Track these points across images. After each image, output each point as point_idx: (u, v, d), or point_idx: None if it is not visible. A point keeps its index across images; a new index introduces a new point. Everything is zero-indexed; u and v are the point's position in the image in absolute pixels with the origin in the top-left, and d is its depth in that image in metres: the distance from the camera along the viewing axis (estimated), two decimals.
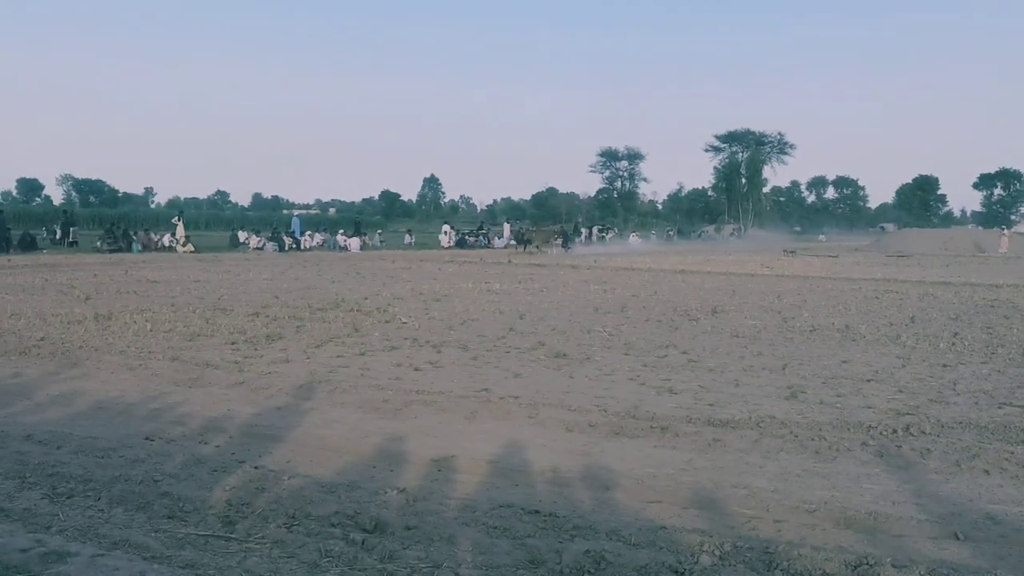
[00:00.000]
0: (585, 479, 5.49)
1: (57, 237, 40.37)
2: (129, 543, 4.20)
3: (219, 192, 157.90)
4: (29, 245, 35.86)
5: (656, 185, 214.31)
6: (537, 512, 4.84)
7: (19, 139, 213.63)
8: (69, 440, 6.08)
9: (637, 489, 5.29)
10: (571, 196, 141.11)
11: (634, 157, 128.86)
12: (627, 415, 7.04)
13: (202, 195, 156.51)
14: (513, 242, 48.30)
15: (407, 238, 53.58)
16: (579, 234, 65.62)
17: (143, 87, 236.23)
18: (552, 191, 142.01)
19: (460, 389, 8.04)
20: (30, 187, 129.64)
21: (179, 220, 41.11)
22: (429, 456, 5.93)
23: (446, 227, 55.29)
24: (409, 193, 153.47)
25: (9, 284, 18.92)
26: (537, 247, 44.06)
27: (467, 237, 53.62)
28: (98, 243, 37.11)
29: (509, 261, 33.67)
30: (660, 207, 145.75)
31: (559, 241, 45.91)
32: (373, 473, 5.56)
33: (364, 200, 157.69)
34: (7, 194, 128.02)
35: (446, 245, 51.22)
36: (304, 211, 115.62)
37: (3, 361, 9.43)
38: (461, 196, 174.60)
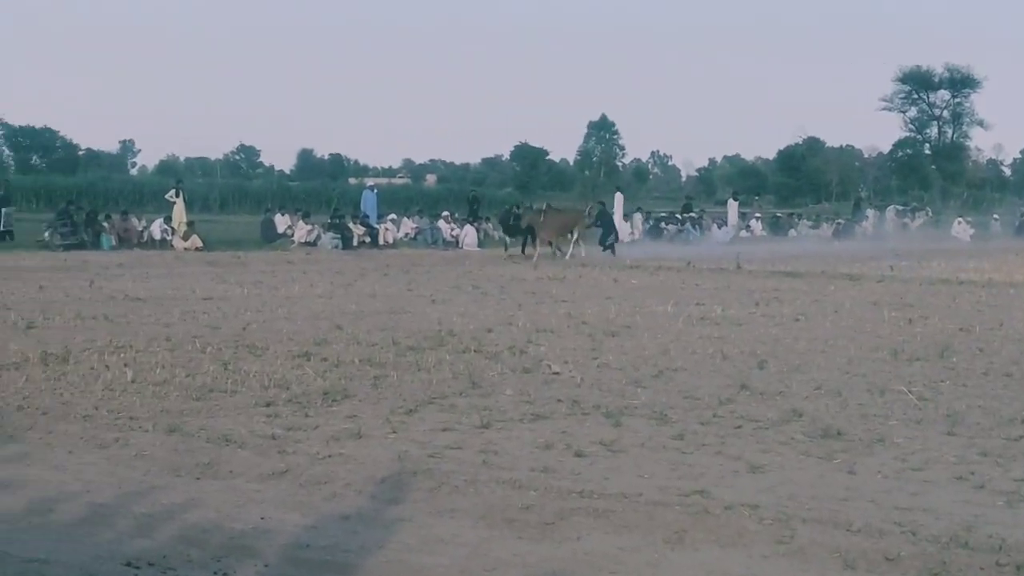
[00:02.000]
0: None
1: None
2: None
3: (242, 149, 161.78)
4: None
5: (1001, 133, 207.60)
6: None
7: None
8: (2, 565, 6.34)
9: None
10: (847, 152, 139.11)
11: (962, 84, 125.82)
12: (954, 542, 6.85)
13: (216, 154, 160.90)
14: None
15: None
16: (861, 215, 64.51)
17: None
18: (815, 144, 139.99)
19: (655, 491, 7.99)
20: None
21: (177, 196, 42.26)
22: None
23: (619, 197, 54.29)
24: (562, 149, 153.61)
25: None
26: (550, 245, 38.59)
27: (664, 224, 53.31)
28: (46, 233, 38.47)
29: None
30: (1008, 172, 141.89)
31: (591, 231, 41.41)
32: None
33: (485, 161, 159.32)
34: None
35: (627, 238, 50.87)
36: (384, 180, 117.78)
37: None
38: (652, 153, 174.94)
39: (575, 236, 38.57)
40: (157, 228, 41.05)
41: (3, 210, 40.95)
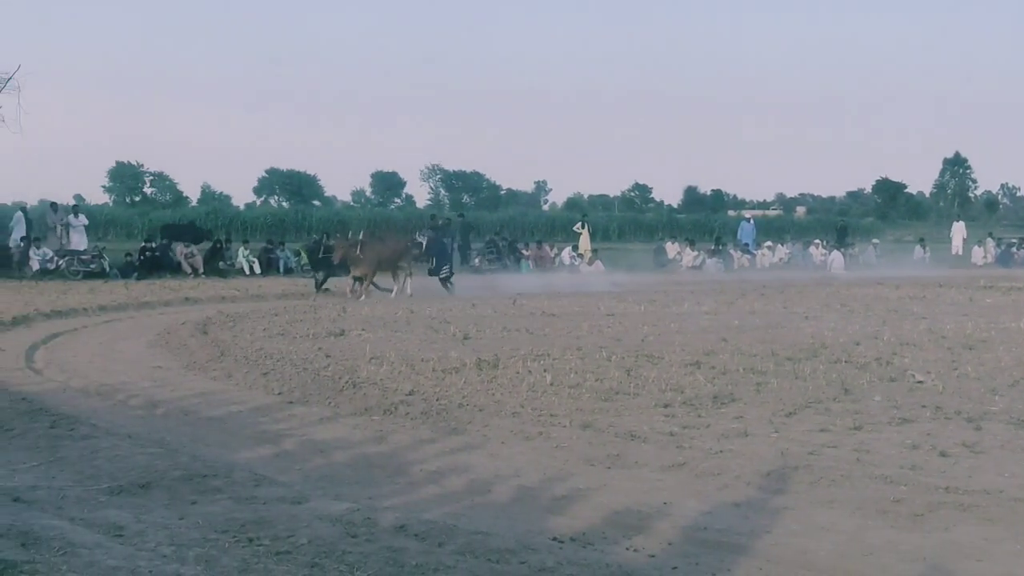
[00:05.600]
0: None
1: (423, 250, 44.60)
2: None
3: (637, 187, 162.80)
4: None
5: None
6: None
7: (379, 120, 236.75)
8: (453, 535, 6.59)
9: None
10: None
11: None
12: None
13: (614, 191, 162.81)
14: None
15: (918, 251, 52.22)
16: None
17: (530, 40, 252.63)
18: None
19: (1017, 488, 7.71)
20: (388, 184, 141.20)
21: (583, 227, 43.50)
22: None
23: (959, 226, 54.00)
24: (920, 183, 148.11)
25: (365, 316, 21.16)
26: (357, 279, 27.84)
27: (1015, 249, 51.16)
28: (476, 259, 40.68)
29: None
30: None
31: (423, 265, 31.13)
32: None
33: (849, 194, 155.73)
34: (360, 193, 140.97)
35: (980, 262, 49.29)
36: (760, 212, 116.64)
37: (363, 422, 10.55)
38: (1002, 185, 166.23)
39: (405, 270, 28.61)
40: (566, 255, 42.92)
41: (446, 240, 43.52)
